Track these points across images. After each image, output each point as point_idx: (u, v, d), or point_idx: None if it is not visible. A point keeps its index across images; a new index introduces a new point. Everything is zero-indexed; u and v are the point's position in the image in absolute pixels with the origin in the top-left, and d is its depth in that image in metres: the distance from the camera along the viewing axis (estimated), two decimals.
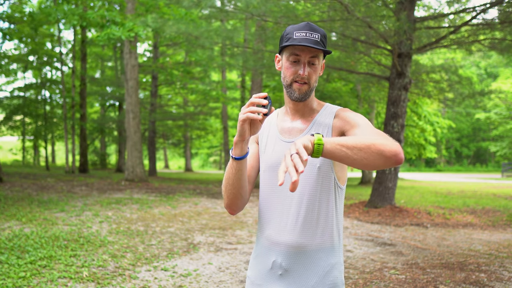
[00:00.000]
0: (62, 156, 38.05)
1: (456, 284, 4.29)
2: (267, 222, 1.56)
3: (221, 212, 8.50)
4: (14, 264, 4.34)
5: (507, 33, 9.04)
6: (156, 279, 4.20)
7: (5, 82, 27.53)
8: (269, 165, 1.57)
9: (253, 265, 1.62)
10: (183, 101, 28.14)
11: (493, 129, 37.25)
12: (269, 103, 1.34)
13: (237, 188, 1.50)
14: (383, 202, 9.46)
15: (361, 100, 19.80)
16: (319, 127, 1.53)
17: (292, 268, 1.50)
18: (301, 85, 1.49)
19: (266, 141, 1.62)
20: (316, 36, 1.46)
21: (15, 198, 8.99)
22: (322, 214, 1.50)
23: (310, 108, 1.57)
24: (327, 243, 1.51)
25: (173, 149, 40.18)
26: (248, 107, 1.34)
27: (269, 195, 1.56)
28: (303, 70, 1.47)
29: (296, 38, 1.45)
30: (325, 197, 1.50)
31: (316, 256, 1.50)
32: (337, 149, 1.24)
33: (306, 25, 1.47)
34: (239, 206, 1.56)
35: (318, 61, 1.50)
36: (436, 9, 11.31)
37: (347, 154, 1.25)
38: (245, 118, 1.33)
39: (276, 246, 1.52)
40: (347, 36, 9.53)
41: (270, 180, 1.56)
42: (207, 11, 11.09)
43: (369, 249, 5.85)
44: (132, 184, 13.46)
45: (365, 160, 1.25)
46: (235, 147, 1.43)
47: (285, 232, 1.50)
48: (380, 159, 1.25)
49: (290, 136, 1.56)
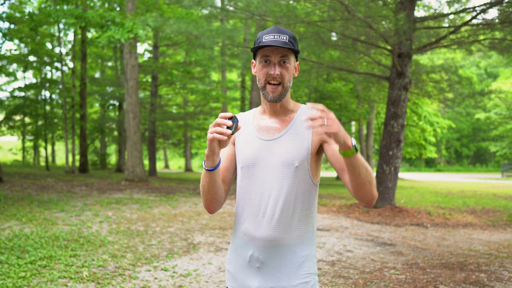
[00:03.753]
0: (62, 156, 38.05)
1: (456, 284, 4.29)
2: (244, 217, 1.63)
3: (221, 212, 8.50)
4: (14, 264, 4.34)
5: (507, 33, 9.03)
6: (156, 279, 4.20)
7: (5, 82, 27.54)
8: (247, 162, 1.63)
9: (231, 259, 1.69)
10: (183, 101, 28.13)
11: (493, 129, 37.26)
12: (236, 122, 1.43)
13: (211, 194, 1.59)
14: (383, 202, 9.46)
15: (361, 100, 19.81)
16: (298, 129, 1.61)
17: (269, 261, 1.58)
18: (275, 87, 1.57)
19: (244, 140, 1.67)
20: (284, 37, 1.54)
21: (15, 198, 8.99)
22: (297, 210, 1.58)
23: (286, 108, 1.65)
24: (301, 237, 1.59)
25: (173, 149, 40.16)
26: (214, 127, 1.42)
27: (246, 191, 1.63)
28: (273, 69, 1.55)
29: (265, 41, 1.54)
30: (301, 194, 1.58)
31: (291, 249, 1.58)
32: (358, 165, 1.42)
33: (274, 29, 1.55)
34: (216, 207, 1.65)
35: (289, 61, 1.57)
36: (436, 9, 11.33)
37: (358, 174, 1.43)
38: (211, 138, 1.42)
39: (253, 240, 1.59)
40: (347, 36, 9.53)
41: (248, 176, 1.63)
42: (207, 10, 11.09)
43: (369, 249, 5.85)
44: (132, 184, 13.46)
45: (359, 187, 1.47)
46: (207, 160, 1.50)
47: (261, 227, 1.58)
48: (366, 193, 1.48)
49: (268, 134, 1.64)
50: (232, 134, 1.41)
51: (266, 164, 1.59)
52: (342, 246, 5.93)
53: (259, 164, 1.60)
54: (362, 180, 1.44)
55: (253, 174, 1.61)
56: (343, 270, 4.72)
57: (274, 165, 1.58)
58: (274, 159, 1.58)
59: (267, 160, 1.59)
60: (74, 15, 11.03)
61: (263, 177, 1.59)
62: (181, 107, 27.53)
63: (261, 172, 1.60)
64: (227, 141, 1.45)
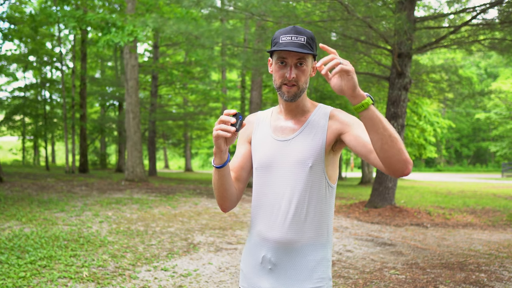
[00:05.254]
0: (62, 156, 38.04)
1: (456, 284, 4.29)
2: (258, 218, 1.62)
3: (221, 212, 8.49)
4: (14, 264, 4.34)
5: (507, 33, 9.03)
6: (156, 279, 4.20)
7: (5, 82, 27.53)
8: (261, 163, 1.62)
9: (245, 259, 1.68)
10: (183, 101, 28.13)
11: (493, 129, 37.25)
12: (239, 119, 1.43)
13: (222, 191, 1.58)
14: (383, 202, 9.46)
15: None
16: (312, 128, 1.58)
17: (281, 263, 1.55)
18: (290, 87, 1.54)
19: (259, 140, 1.66)
20: (302, 39, 1.50)
21: (15, 198, 8.99)
22: (311, 211, 1.55)
23: (302, 109, 1.62)
24: (315, 239, 1.56)
25: (173, 149, 40.13)
26: (219, 124, 1.42)
27: (261, 192, 1.62)
28: (289, 73, 1.52)
29: (282, 43, 1.51)
30: (315, 195, 1.55)
31: (304, 252, 1.55)
32: (377, 118, 1.34)
33: (292, 29, 1.51)
34: (228, 205, 1.63)
35: (306, 63, 1.53)
36: (436, 9, 11.32)
37: (380, 129, 1.34)
38: (216, 135, 1.42)
39: (266, 241, 1.58)
40: (347, 36, 9.53)
41: (262, 178, 1.62)
42: (207, 10, 11.09)
43: (369, 249, 5.85)
44: (132, 184, 13.46)
45: (386, 146, 1.35)
46: (215, 157, 1.50)
47: (274, 228, 1.56)
48: (396, 156, 1.35)
49: (282, 135, 1.62)
50: (237, 131, 1.42)
51: (280, 165, 1.58)
52: (342, 246, 5.93)
53: (273, 165, 1.59)
54: (388, 135, 1.34)
55: (267, 176, 1.60)
56: (343, 270, 4.72)
57: (288, 166, 1.56)
58: (288, 160, 1.57)
59: (281, 161, 1.58)
60: (75, 18, 11.03)
61: (277, 178, 1.58)
62: (181, 107, 27.52)
63: (275, 173, 1.58)
64: (232, 138, 1.44)
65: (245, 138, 1.73)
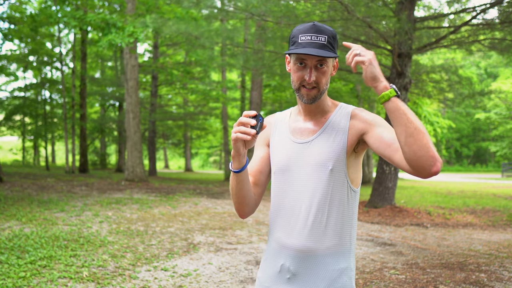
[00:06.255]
0: (62, 156, 38.03)
1: (456, 284, 4.29)
2: (277, 224, 1.54)
3: (221, 212, 8.49)
4: (14, 264, 4.34)
5: (507, 33, 9.03)
6: (156, 279, 4.20)
7: (5, 82, 27.53)
8: (280, 166, 1.54)
9: (263, 267, 1.60)
10: (183, 101, 28.14)
11: (493, 129, 37.25)
12: (260, 121, 1.34)
13: (240, 197, 1.51)
14: (383, 202, 9.46)
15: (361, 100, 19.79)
16: (333, 129, 1.49)
17: (300, 272, 1.47)
18: (309, 90, 1.46)
19: (277, 142, 1.59)
20: (322, 38, 1.40)
21: (15, 198, 8.99)
22: (333, 217, 1.46)
23: (322, 109, 1.54)
24: (337, 248, 1.47)
25: (173, 149, 40.16)
26: (238, 126, 1.34)
27: (279, 198, 1.54)
28: (309, 75, 1.43)
29: (301, 42, 1.41)
30: (337, 200, 1.46)
31: (325, 261, 1.46)
32: (400, 109, 1.29)
33: (312, 27, 1.41)
34: (246, 211, 1.56)
35: (327, 64, 1.45)
36: (436, 9, 11.32)
37: (403, 121, 1.27)
38: (235, 138, 1.34)
39: (285, 249, 1.50)
40: (347, 36, 9.52)
41: (281, 182, 1.54)
42: (207, 11, 11.09)
43: (369, 249, 5.85)
44: (132, 184, 13.46)
45: (411, 139, 1.26)
46: (233, 161, 1.42)
47: (293, 235, 1.47)
48: (421, 151, 1.25)
49: (301, 137, 1.53)
50: (257, 133, 1.33)
51: (299, 168, 1.49)
52: None
53: (292, 168, 1.50)
54: (413, 127, 1.26)
55: (286, 180, 1.51)
56: None
57: (308, 169, 1.47)
58: (307, 163, 1.48)
59: (300, 164, 1.49)
60: (76, 18, 11.04)
61: (296, 183, 1.49)
62: (181, 107, 27.54)
63: (294, 177, 1.50)
64: (252, 141, 1.36)
65: (262, 140, 1.64)
